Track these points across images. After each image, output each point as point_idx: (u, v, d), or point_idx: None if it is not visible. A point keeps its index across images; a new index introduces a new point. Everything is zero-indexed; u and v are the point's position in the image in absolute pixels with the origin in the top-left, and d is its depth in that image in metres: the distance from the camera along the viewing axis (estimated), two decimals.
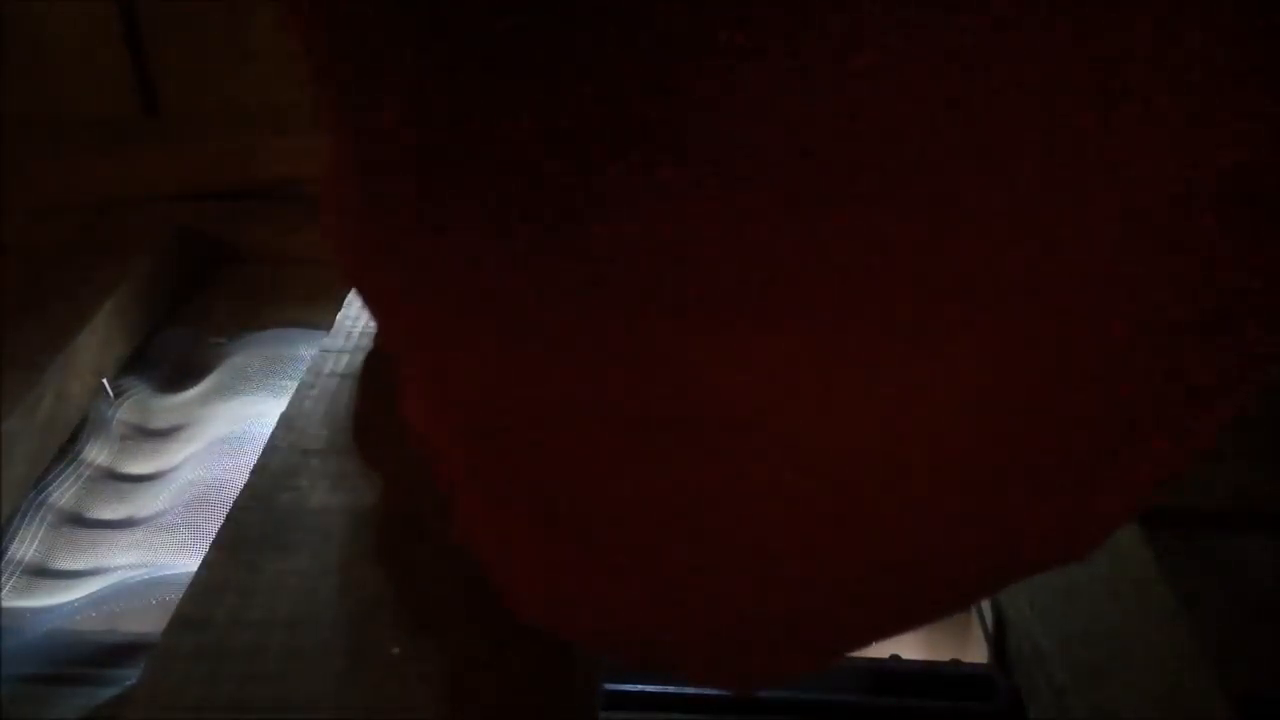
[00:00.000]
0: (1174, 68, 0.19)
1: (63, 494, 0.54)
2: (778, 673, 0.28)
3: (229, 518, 0.35)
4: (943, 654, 0.48)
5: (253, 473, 0.37)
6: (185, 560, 0.50)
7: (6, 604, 0.47)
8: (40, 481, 0.54)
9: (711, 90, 0.19)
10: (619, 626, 0.28)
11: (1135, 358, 0.23)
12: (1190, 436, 0.24)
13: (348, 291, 0.49)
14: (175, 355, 0.65)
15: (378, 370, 0.43)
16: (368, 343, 0.45)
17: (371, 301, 0.28)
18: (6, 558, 0.50)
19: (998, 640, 0.43)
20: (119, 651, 0.44)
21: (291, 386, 0.44)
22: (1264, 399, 0.58)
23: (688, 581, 0.26)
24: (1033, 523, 0.25)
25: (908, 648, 0.49)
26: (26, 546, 0.51)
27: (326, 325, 0.47)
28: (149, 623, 0.45)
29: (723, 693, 0.42)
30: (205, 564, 0.34)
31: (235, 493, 0.37)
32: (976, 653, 0.46)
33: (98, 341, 0.61)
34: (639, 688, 0.41)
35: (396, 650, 0.30)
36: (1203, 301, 0.22)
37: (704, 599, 0.26)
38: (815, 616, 0.27)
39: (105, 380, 0.61)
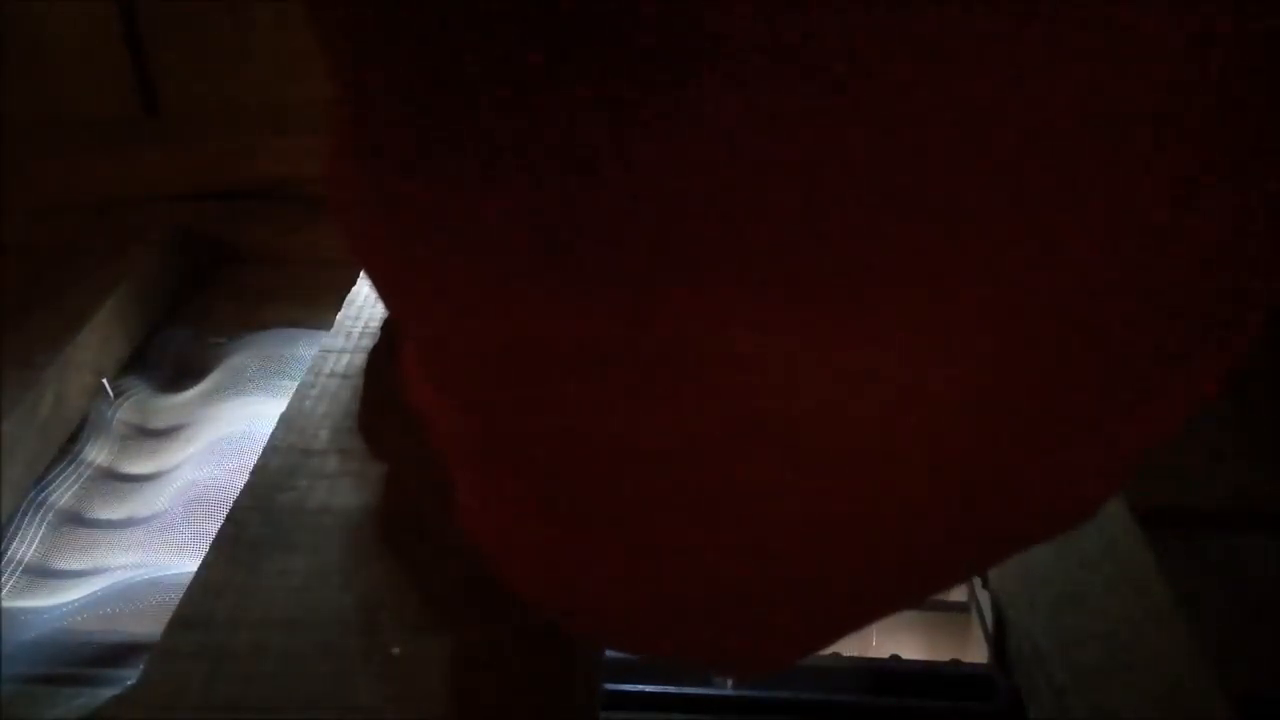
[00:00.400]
0: (1172, 69, 0.19)
1: (63, 494, 0.54)
2: (786, 652, 0.28)
3: (229, 518, 0.35)
4: (943, 654, 0.48)
5: (253, 473, 0.37)
6: (185, 560, 0.50)
7: (6, 604, 0.47)
8: (40, 481, 0.54)
9: (712, 91, 0.19)
10: (618, 619, 0.28)
11: (1135, 357, 0.23)
12: (1182, 422, 0.24)
13: (347, 291, 0.49)
14: (175, 355, 0.65)
15: (380, 370, 0.43)
16: (368, 342, 0.45)
17: (377, 275, 0.28)
18: (6, 558, 0.50)
19: (998, 640, 0.43)
20: (119, 651, 0.44)
21: (291, 386, 0.44)
22: (1264, 399, 0.58)
23: (687, 582, 0.26)
24: (1029, 514, 0.25)
25: (908, 648, 0.49)
26: (26, 546, 0.51)
27: (326, 325, 0.47)
28: (149, 623, 0.45)
29: (722, 693, 0.42)
30: (205, 564, 0.34)
31: (235, 493, 0.37)
32: (976, 653, 0.46)
33: (98, 341, 0.61)
34: (639, 688, 0.41)
35: (396, 650, 0.30)
36: (1203, 300, 0.22)
37: (704, 597, 0.26)
38: (815, 614, 0.27)
39: (105, 380, 0.61)
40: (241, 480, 0.37)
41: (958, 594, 0.49)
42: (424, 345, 0.28)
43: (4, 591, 0.48)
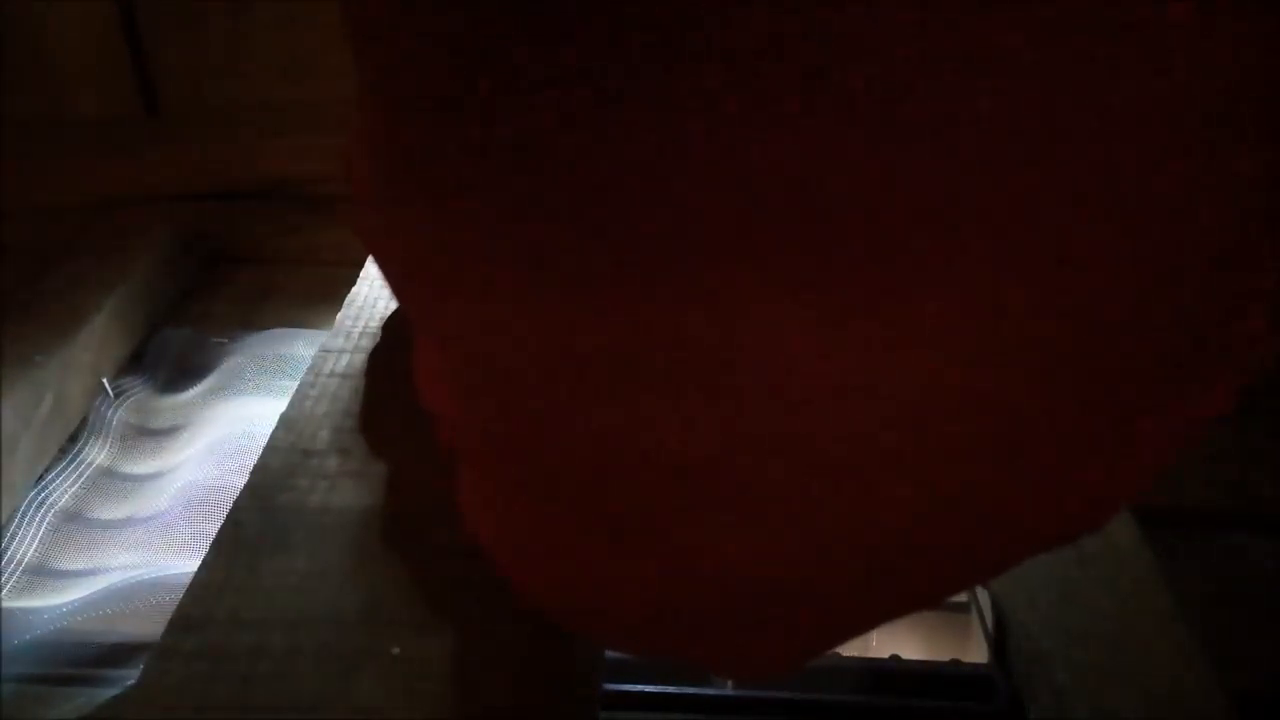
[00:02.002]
0: (1178, 75, 0.19)
1: (63, 494, 0.54)
2: (790, 655, 0.28)
3: (229, 518, 0.35)
4: (943, 654, 0.48)
5: (253, 473, 0.37)
6: (185, 560, 0.50)
7: (6, 604, 0.47)
8: (40, 481, 0.54)
9: (713, 90, 0.19)
10: (627, 606, 0.28)
11: (1141, 361, 0.23)
12: (1206, 405, 0.24)
13: (347, 291, 0.49)
14: (175, 355, 0.65)
15: (380, 369, 0.43)
16: (368, 342, 0.45)
17: (389, 265, 0.28)
18: (6, 558, 0.50)
19: (998, 640, 0.43)
20: (119, 651, 0.44)
21: (291, 386, 0.44)
22: (1263, 400, 0.58)
23: (694, 584, 0.26)
24: (1038, 520, 0.25)
25: (908, 648, 0.49)
26: (26, 546, 0.51)
27: (326, 325, 0.47)
28: (149, 623, 0.45)
29: (722, 693, 0.42)
30: (205, 564, 0.34)
31: (235, 493, 0.37)
32: (976, 653, 0.46)
33: (98, 341, 0.61)
34: (639, 688, 0.41)
35: (396, 650, 0.30)
36: (1208, 305, 0.22)
37: (710, 599, 0.26)
38: (821, 616, 0.27)
39: (105, 380, 0.61)
40: (241, 480, 0.37)
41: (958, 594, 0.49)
42: (442, 344, 0.28)
43: (4, 591, 0.48)
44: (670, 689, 0.41)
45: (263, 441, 0.39)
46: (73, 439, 0.58)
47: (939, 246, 0.20)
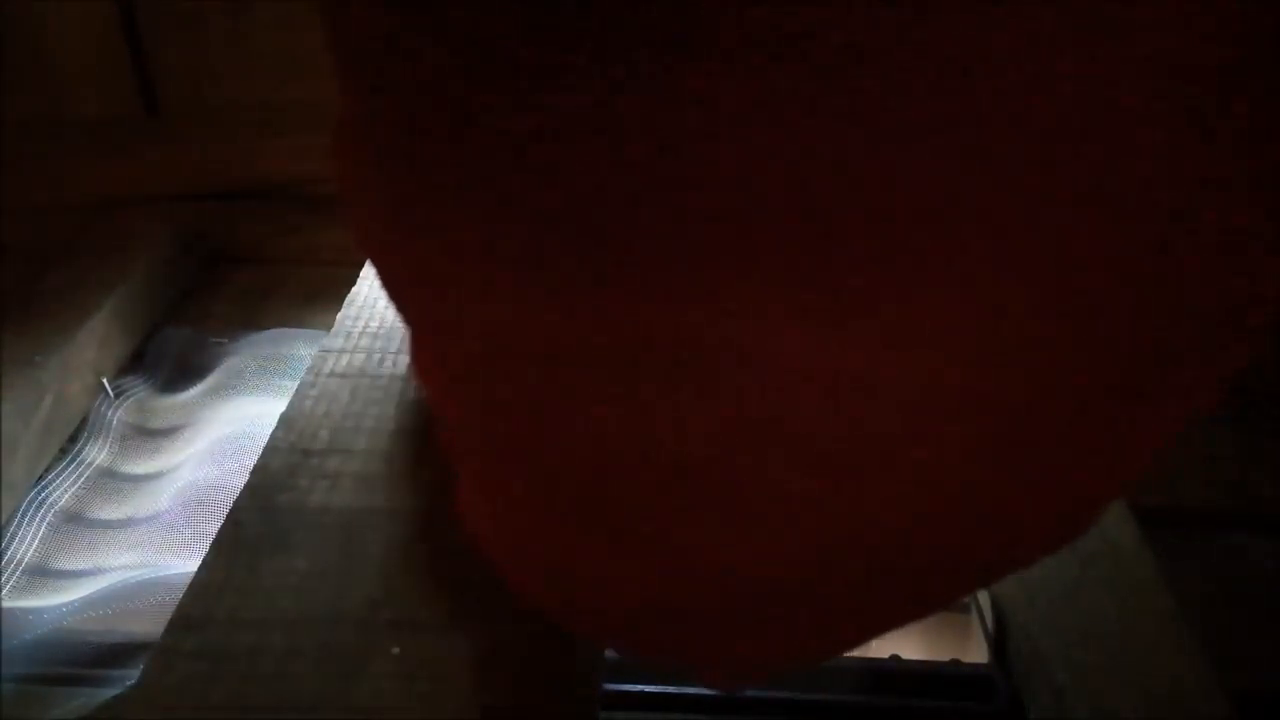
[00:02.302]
0: (1181, 73, 0.19)
1: (63, 494, 0.54)
2: (790, 655, 0.28)
3: (229, 518, 0.35)
4: (943, 654, 0.48)
5: (253, 473, 0.37)
6: (185, 560, 0.50)
7: (6, 604, 0.47)
8: (40, 481, 0.54)
9: (711, 83, 0.19)
10: (626, 606, 0.28)
11: (1136, 357, 0.23)
12: (1202, 401, 0.24)
13: (347, 291, 0.49)
14: (175, 355, 0.65)
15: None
16: (368, 343, 0.45)
17: (387, 265, 0.28)
18: (6, 558, 0.50)
19: (998, 640, 0.43)
20: (119, 651, 0.44)
21: (291, 386, 0.44)
22: (1263, 400, 0.58)
23: (691, 585, 0.26)
24: (1033, 518, 0.25)
25: (908, 648, 0.49)
26: (26, 546, 0.51)
27: (326, 325, 0.47)
28: (149, 623, 0.45)
29: (723, 693, 0.42)
30: (205, 564, 0.34)
31: (235, 493, 0.37)
32: (976, 653, 0.46)
33: (97, 341, 0.61)
34: (639, 688, 0.41)
35: (396, 650, 0.30)
36: (1205, 301, 0.22)
37: (707, 600, 0.26)
38: (816, 622, 0.27)
39: (105, 380, 0.61)
40: (241, 480, 0.37)
41: None
42: (441, 344, 0.28)
43: (4, 591, 0.48)
44: (670, 689, 0.41)
45: (263, 441, 0.39)
46: (73, 439, 0.58)
47: (939, 246, 0.20)
